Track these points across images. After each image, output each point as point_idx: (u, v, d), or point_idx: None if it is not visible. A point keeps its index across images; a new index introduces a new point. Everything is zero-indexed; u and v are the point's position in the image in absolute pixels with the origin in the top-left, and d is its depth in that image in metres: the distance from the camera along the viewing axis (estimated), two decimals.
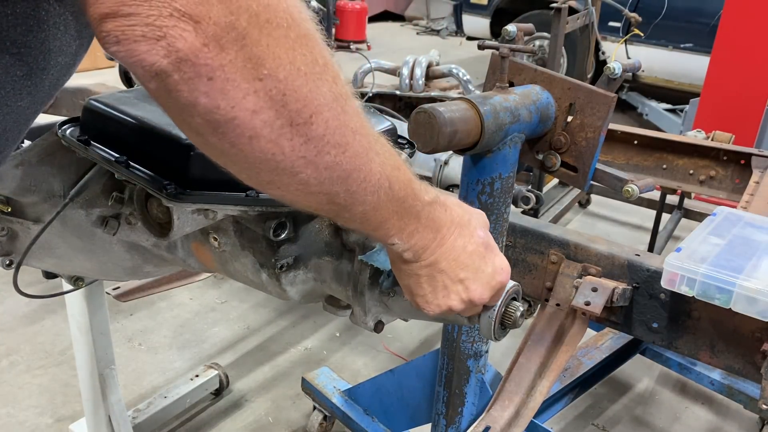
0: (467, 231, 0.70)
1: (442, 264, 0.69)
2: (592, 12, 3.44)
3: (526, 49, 1.36)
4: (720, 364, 1.33)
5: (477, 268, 0.70)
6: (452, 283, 0.70)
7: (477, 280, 0.70)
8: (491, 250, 0.72)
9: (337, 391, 1.99)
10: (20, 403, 2.22)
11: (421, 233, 0.66)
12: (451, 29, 10.19)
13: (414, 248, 0.67)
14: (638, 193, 1.34)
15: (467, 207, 0.73)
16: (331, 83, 0.52)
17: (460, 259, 0.69)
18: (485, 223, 0.75)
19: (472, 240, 0.70)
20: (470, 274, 0.70)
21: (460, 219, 0.70)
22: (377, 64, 3.56)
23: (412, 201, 0.64)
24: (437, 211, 0.67)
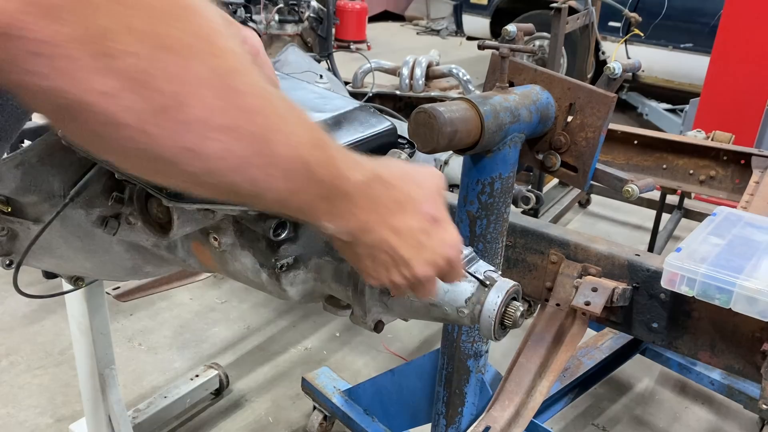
0: (411, 207, 0.65)
1: (382, 245, 0.65)
2: (592, 12, 3.44)
3: (526, 49, 1.36)
4: (720, 364, 1.33)
5: (421, 245, 0.66)
6: (394, 262, 0.66)
7: (421, 259, 0.66)
8: (438, 225, 0.67)
9: (337, 391, 1.99)
10: (20, 403, 2.22)
11: (357, 215, 0.61)
12: (451, 29, 10.20)
13: (350, 230, 0.62)
14: (638, 193, 1.34)
15: (414, 175, 0.68)
16: (216, 59, 0.45)
17: (403, 237, 0.65)
18: (436, 189, 0.69)
19: (417, 216, 0.66)
20: (413, 253, 0.66)
21: (403, 195, 0.65)
22: (377, 64, 3.56)
23: (340, 182, 0.58)
24: (375, 190, 0.62)
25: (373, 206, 0.62)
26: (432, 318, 0.82)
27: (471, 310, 0.77)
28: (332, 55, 3.63)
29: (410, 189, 0.66)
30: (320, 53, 3.54)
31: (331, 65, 3.59)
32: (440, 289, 0.79)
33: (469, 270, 0.79)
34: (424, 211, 0.66)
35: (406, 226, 0.65)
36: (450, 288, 0.78)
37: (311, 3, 3.47)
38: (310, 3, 3.47)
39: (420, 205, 0.66)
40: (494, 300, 0.75)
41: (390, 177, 0.64)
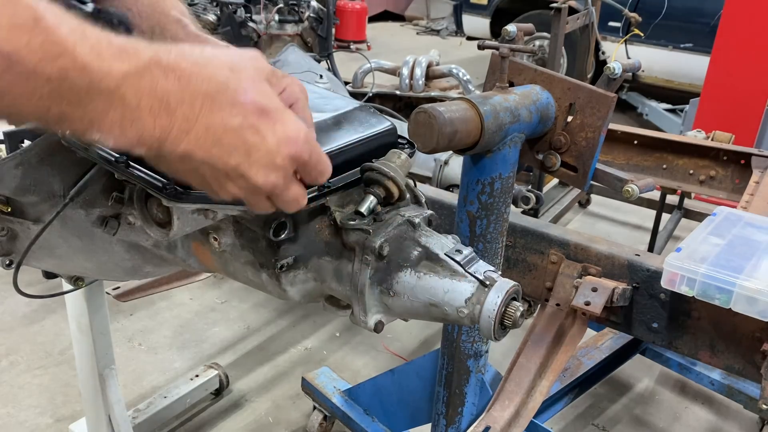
0: (224, 99, 0.52)
1: (198, 154, 0.52)
2: (592, 12, 3.44)
3: (526, 49, 1.36)
4: (720, 364, 1.33)
5: (250, 146, 0.54)
6: (223, 175, 0.55)
7: (255, 163, 0.54)
8: (268, 116, 0.54)
9: (337, 391, 1.99)
10: (20, 403, 2.22)
11: (142, 120, 0.49)
12: (451, 29, 10.20)
13: (142, 141, 0.50)
14: (638, 193, 1.34)
15: (224, 57, 0.54)
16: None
17: (223, 141, 0.52)
18: (257, 72, 0.56)
19: (235, 110, 0.52)
20: (242, 158, 0.54)
21: (208, 85, 0.51)
22: (377, 64, 3.56)
23: (88, 76, 0.46)
24: (160, 83, 0.49)
25: (165, 106, 0.49)
26: (432, 318, 0.82)
27: (471, 310, 0.77)
28: (332, 55, 3.63)
29: (219, 75, 0.52)
30: (320, 53, 3.54)
31: (331, 65, 3.59)
32: (440, 289, 0.79)
33: (469, 270, 0.79)
34: (244, 101, 0.53)
35: (223, 125, 0.52)
36: (450, 288, 0.78)
37: (311, 3, 3.47)
38: (310, 3, 3.47)
39: (238, 95, 0.53)
40: (494, 300, 0.75)
41: (180, 62, 0.50)
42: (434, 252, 0.81)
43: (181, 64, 0.51)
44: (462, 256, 0.80)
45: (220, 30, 3.04)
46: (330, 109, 1.05)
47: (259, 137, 0.54)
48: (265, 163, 0.55)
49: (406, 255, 0.82)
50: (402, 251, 0.82)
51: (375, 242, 0.81)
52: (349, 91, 3.30)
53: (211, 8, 3.07)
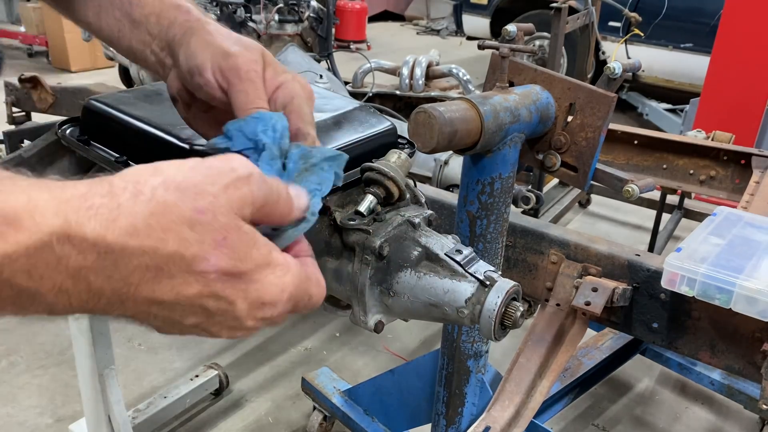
0: (176, 268, 0.40)
1: (139, 318, 0.43)
2: (592, 12, 3.44)
3: (526, 49, 1.36)
4: (720, 364, 1.33)
5: (212, 312, 0.43)
6: (176, 328, 0.44)
7: (217, 324, 0.45)
8: (239, 279, 0.42)
9: (337, 391, 1.99)
10: (20, 403, 2.22)
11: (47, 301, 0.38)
12: (451, 29, 10.20)
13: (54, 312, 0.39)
14: (638, 193, 1.33)
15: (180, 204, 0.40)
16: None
17: (175, 309, 0.42)
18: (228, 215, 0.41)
19: (192, 278, 0.40)
20: (202, 318, 0.43)
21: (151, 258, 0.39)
22: (377, 64, 3.56)
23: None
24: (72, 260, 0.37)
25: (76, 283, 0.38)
26: (432, 318, 0.82)
27: (471, 311, 0.77)
28: (332, 55, 3.63)
29: (168, 243, 0.39)
30: (320, 53, 3.54)
31: (331, 65, 3.59)
32: (440, 289, 0.79)
33: (469, 270, 0.79)
34: (205, 270, 0.41)
35: (173, 295, 0.41)
36: (450, 288, 0.78)
37: (311, 3, 3.47)
38: (310, 3, 3.47)
39: (195, 264, 0.40)
40: (494, 300, 0.75)
41: (106, 234, 0.37)
42: (434, 252, 0.81)
43: (107, 238, 0.37)
44: (462, 256, 0.80)
45: None
46: (330, 109, 1.05)
47: (224, 303, 0.43)
48: (232, 326, 0.45)
49: (406, 255, 0.82)
50: (402, 251, 0.82)
51: (375, 242, 0.81)
52: (349, 91, 3.30)
53: (211, 8, 3.07)
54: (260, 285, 0.44)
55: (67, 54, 6.66)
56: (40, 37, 6.90)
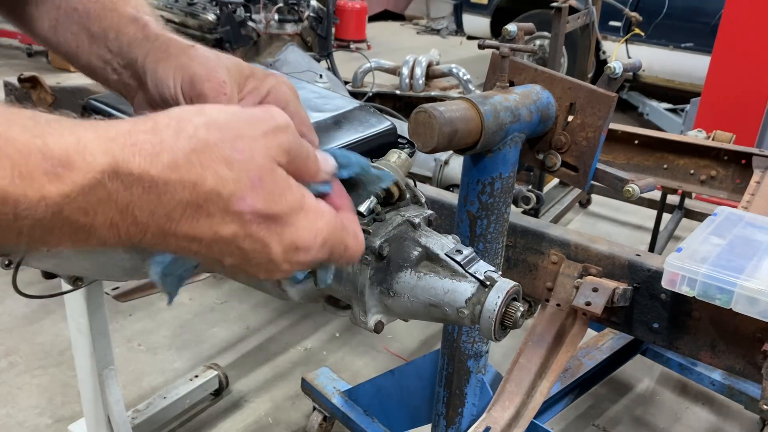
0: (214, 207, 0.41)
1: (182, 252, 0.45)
2: (592, 11, 3.44)
3: (527, 48, 1.36)
4: (721, 364, 1.33)
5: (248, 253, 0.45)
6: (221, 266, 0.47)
7: (254, 266, 0.47)
8: (275, 221, 0.44)
9: (336, 391, 1.99)
10: (20, 404, 2.21)
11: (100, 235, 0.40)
12: (451, 29, 10.20)
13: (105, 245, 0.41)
14: (639, 193, 1.33)
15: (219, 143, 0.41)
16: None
17: (213, 247, 0.44)
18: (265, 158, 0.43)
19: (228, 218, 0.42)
20: (238, 260, 0.46)
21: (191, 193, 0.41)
22: (377, 64, 3.56)
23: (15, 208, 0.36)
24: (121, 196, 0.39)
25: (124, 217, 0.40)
26: (432, 318, 0.81)
27: (471, 311, 0.76)
28: (332, 54, 3.62)
29: (207, 179, 0.41)
30: (320, 53, 3.54)
31: (331, 65, 3.59)
32: (440, 289, 0.78)
33: (469, 270, 0.78)
34: (242, 210, 0.42)
35: (211, 234, 0.42)
36: (450, 288, 0.78)
37: (311, 2, 3.47)
38: (310, 2, 3.46)
39: (233, 203, 0.42)
40: (494, 300, 0.75)
41: (149, 168, 0.39)
42: (434, 252, 0.81)
43: (151, 172, 0.39)
44: (462, 256, 0.80)
45: (219, 29, 3.03)
46: (330, 108, 1.05)
47: (260, 245, 0.44)
48: (268, 268, 0.47)
49: (406, 255, 0.81)
50: (402, 251, 0.82)
51: (375, 242, 0.81)
52: (349, 91, 3.29)
53: (211, 8, 3.07)
54: (294, 228, 0.45)
55: None
56: None
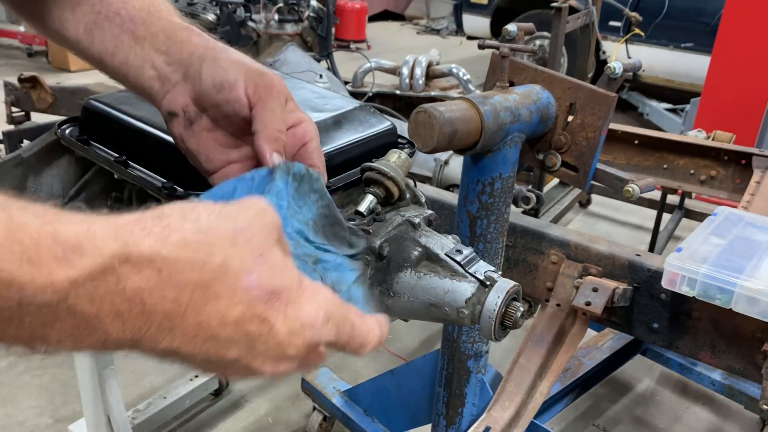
0: (222, 287, 0.42)
1: (185, 349, 0.42)
2: (592, 11, 3.44)
3: (527, 48, 1.36)
4: (721, 364, 1.33)
5: (254, 338, 0.44)
6: (220, 366, 0.45)
7: (260, 355, 0.45)
8: (278, 299, 0.44)
9: (336, 391, 1.99)
10: (20, 404, 2.21)
11: (104, 329, 0.39)
12: (451, 29, 10.20)
13: (107, 346, 0.40)
14: (639, 193, 1.33)
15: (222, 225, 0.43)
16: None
17: (220, 336, 0.42)
18: (265, 237, 0.45)
19: (236, 298, 0.42)
20: (244, 351, 0.44)
21: (200, 272, 0.41)
22: (377, 64, 3.56)
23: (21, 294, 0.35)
24: (131, 281, 0.38)
25: (131, 306, 0.39)
26: (432, 318, 0.81)
27: (471, 311, 0.76)
28: (332, 54, 3.63)
29: (215, 256, 0.41)
30: (320, 53, 3.54)
31: (331, 65, 3.59)
32: (440, 289, 0.78)
33: (469, 270, 0.78)
34: (249, 287, 0.43)
35: (219, 319, 0.42)
36: (450, 288, 0.78)
37: (311, 2, 3.47)
38: (310, 2, 3.47)
39: (240, 279, 0.42)
40: (494, 300, 0.75)
41: (160, 249, 0.40)
42: (434, 252, 0.81)
43: (162, 252, 0.39)
44: (462, 256, 0.80)
45: (219, 29, 3.03)
46: (330, 108, 1.05)
47: (266, 327, 0.44)
48: (274, 356, 0.46)
49: (406, 255, 0.82)
50: (402, 251, 0.82)
51: (375, 242, 0.81)
52: (349, 91, 3.30)
53: (211, 8, 3.07)
54: (297, 305, 0.45)
55: (66, 54, 6.66)
56: (40, 37, 6.91)
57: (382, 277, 0.84)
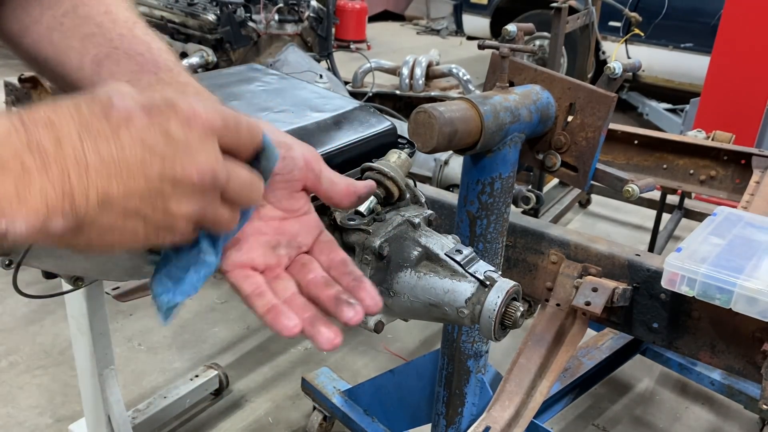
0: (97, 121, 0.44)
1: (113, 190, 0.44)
2: (592, 11, 3.44)
3: (527, 48, 1.36)
4: (720, 364, 1.33)
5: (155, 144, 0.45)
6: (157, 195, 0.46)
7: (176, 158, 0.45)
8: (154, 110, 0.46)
9: (336, 391, 1.99)
10: (20, 404, 2.22)
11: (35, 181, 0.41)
12: (451, 29, 10.19)
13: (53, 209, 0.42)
14: (638, 193, 1.33)
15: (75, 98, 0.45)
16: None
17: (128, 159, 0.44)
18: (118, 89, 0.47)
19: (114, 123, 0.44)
20: (160, 160, 0.45)
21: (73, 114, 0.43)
22: (377, 64, 3.56)
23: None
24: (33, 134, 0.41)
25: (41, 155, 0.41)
26: (432, 318, 0.82)
27: (471, 311, 0.76)
28: (332, 54, 3.63)
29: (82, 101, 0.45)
30: (320, 53, 3.54)
31: (331, 65, 3.59)
32: (440, 289, 0.78)
33: (469, 270, 0.78)
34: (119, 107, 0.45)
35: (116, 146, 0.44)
36: (450, 288, 0.78)
37: (311, 3, 3.47)
38: (310, 3, 3.47)
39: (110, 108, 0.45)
40: (494, 300, 0.75)
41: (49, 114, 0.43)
42: (434, 252, 0.81)
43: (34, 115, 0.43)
44: (462, 256, 0.80)
45: (219, 30, 3.03)
46: (330, 108, 1.05)
47: (159, 133, 0.45)
48: (185, 153, 0.46)
49: (406, 255, 0.82)
50: (402, 251, 0.82)
51: (375, 242, 0.81)
52: (349, 91, 3.30)
53: (211, 8, 3.07)
54: (173, 107, 0.47)
55: None
56: None
57: (382, 277, 0.84)
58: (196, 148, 0.46)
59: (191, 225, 0.49)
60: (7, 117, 0.42)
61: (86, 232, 0.44)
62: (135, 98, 0.46)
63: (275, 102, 1.08)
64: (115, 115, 0.44)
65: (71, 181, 0.42)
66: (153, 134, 0.45)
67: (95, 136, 0.43)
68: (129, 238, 0.47)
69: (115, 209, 0.44)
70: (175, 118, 0.46)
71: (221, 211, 0.51)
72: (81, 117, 0.43)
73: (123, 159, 0.43)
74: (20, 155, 0.40)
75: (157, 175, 0.45)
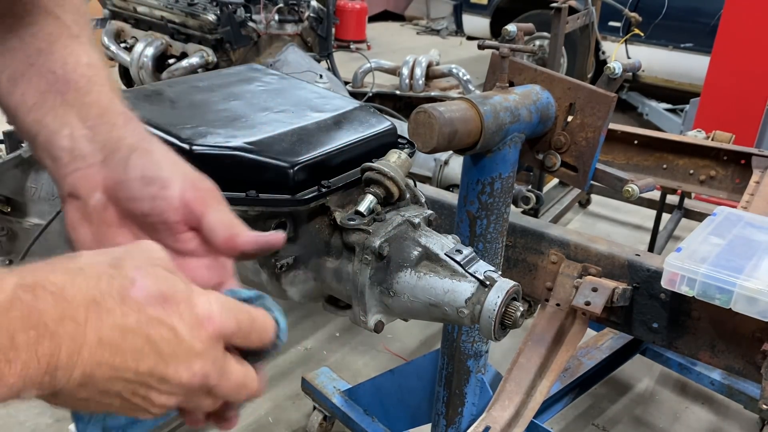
0: (111, 299, 0.44)
1: (99, 373, 0.43)
2: (592, 12, 3.44)
3: (527, 48, 1.36)
4: (720, 364, 1.33)
5: (158, 342, 0.45)
6: (140, 386, 0.45)
7: (171, 359, 0.45)
8: (170, 302, 0.46)
9: (337, 391, 1.99)
10: (20, 403, 2.21)
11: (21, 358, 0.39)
12: (451, 29, 10.20)
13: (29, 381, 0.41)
14: (638, 193, 1.34)
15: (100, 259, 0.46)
16: None
17: (125, 347, 0.43)
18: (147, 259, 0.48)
19: (127, 307, 0.44)
20: (154, 358, 0.45)
21: (86, 290, 0.43)
22: (377, 64, 3.57)
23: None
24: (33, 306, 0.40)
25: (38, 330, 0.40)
26: (432, 318, 0.82)
27: (471, 311, 0.77)
28: (332, 54, 3.63)
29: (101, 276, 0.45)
30: (320, 53, 3.54)
31: (331, 65, 3.59)
32: (440, 289, 0.79)
33: (469, 270, 0.79)
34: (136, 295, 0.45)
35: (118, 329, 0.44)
36: (450, 288, 0.78)
37: (311, 3, 3.47)
38: (310, 3, 3.47)
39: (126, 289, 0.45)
40: (494, 300, 0.75)
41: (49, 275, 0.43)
42: (434, 252, 0.81)
43: (50, 277, 0.42)
44: (462, 256, 0.80)
45: (219, 30, 3.03)
46: (330, 109, 1.05)
47: (165, 328, 0.45)
48: (184, 356, 0.46)
49: (406, 255, 0.82)
50: (402, 251, 0.82)
51: (375, 242, 0.81)
52: (349, 91, 3.30)
53: (211, 8, 3.07)
54: (189, 303, 0.47)
55: None
56: None
57: (382, 277, 0.84)
58: (196, 353, 0.46)
59: (166, 411, 0.50)
60: (18, 276, 0.41)
61: (60, 397, 0.44)
62: (158, 281, 0.46)
63: (275, 102, 1.08)
64: (130, 299, 0.44)
65: (60, 358, 0.41)
66: (159, 330, 0.45)
67: (103, 315, 0.43)
68: (102, 408, 0.47)
69: (96, 388, 0.44)
70: (189, 316, 0.46)
71: (204, 404, 0.51)
72: (97, 290, 0.43)
73: (120, 346, 0.43)
74: (13, 333, 0.39)
75: (147, 370, 0.45)
